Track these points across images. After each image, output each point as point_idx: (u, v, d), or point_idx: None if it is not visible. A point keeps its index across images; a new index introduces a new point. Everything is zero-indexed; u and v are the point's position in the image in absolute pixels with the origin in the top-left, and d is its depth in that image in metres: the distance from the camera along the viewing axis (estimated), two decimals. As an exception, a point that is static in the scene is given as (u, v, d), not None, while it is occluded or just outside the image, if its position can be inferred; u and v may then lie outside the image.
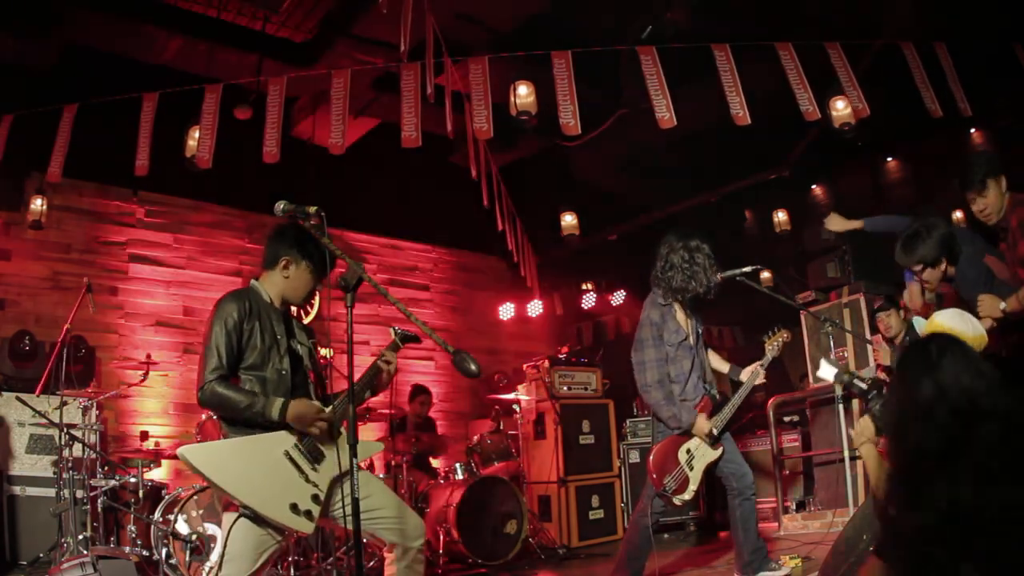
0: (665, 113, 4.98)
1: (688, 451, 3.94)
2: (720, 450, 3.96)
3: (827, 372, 3.20)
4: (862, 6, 6.07)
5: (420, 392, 7.20)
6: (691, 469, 3.94)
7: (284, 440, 2.76)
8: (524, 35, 5.81)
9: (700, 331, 4.16)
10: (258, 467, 2.68)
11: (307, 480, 2.73)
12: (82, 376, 5.70)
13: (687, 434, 3.96)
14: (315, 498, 2.72)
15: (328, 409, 2.86)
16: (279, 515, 2.63)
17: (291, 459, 2.74)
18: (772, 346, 4.24)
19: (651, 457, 3.94)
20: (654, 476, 3.87)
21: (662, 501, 3.91)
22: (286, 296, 2.99)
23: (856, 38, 5.54)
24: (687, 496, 3.92)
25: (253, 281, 3.03)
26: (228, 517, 2.68)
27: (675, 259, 3.99)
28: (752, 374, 4.14)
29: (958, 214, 6.58)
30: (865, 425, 2.73)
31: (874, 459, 2.67)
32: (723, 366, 4.31)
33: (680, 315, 4.07)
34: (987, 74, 5.68)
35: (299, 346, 3.01)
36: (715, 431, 3.93)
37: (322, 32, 6.21)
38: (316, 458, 2.80)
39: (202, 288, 7.32)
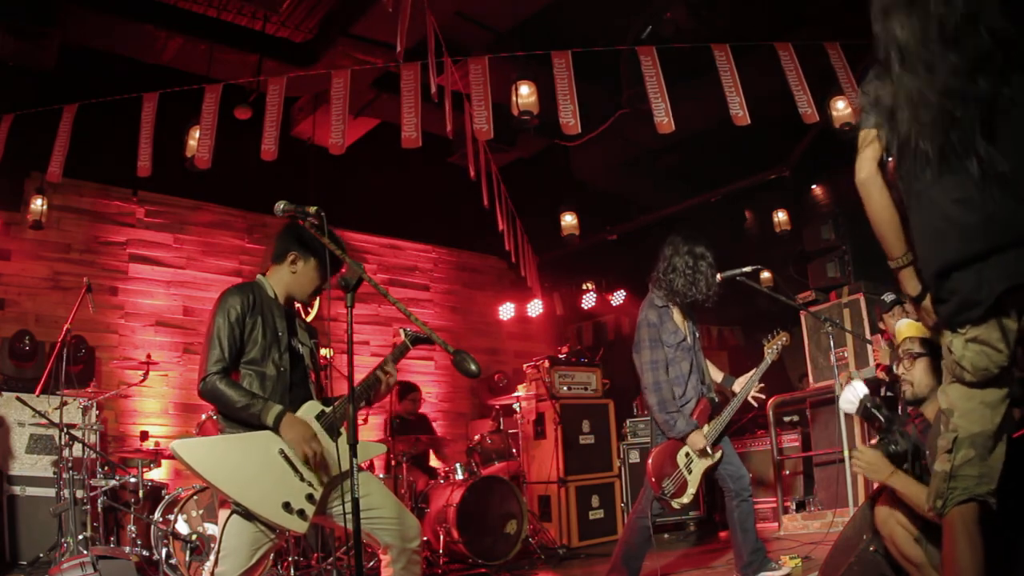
0: (664, 118, 4.98)
1: (687, 455, 3.94)
2: (719, 454, 3.96)
3: (849, 405, 3.12)
4: (862, 6, 6.06)
5: (409, 390, 7.16)
6: (689, 473, 3.93)
7: (280, 438, 2.76)
8: (524, 35, 5.81)
9: (697, 333, 4.16)
10: (251, 464, 2.67)
11: (302, 479, 2.72)
12: (82, 376, 5.70)
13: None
14: (309, 497, 2.71)
15: (326, 411, 2.86)
16: (270, 513, 2.62)
17: (286, 457, 2.72)
18: (771, 349, 4.24)
19: (650, 460, 3.94)
20: (652, 480, 3.87)
21: (660, 504, 3.91)
22: (291, 292, 3.00)
23: (856, 38, 5.54)
24: (685, 500, 3.92)
25: (259, 276, 3.03)
26: (223, 514, 2.68)
27: (678, 262, 4.01)
28: (747, 384, 4.13)
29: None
30: (875, 459, 2.60)
31: (911, 483, 2.50)
32: (717, 375, 4.30)
33: (678, 316, 4.07)
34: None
35: (300, 345, 3.01)
36: (710, 441, 3.92)
37: (322, 32, 6.21)
38: (314, 458, 2.79)
39: (202, 288, 7.32)
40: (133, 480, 4.99)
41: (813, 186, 8.19)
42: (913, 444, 2.60)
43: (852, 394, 3.03)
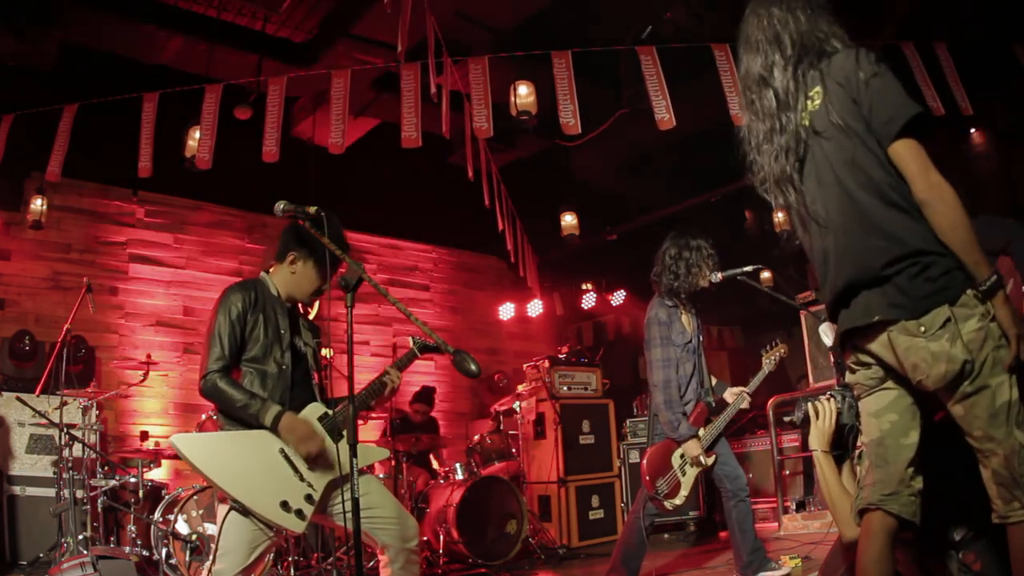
0: (664, 114, 4.98)
1: (682, 456, 3.95)
2: (712, 459, 3.97)
3: (827, 338, 3.12)
4: (862, 6, 6.07)
5: (430, 392, 7.22)
6: (683, 474, 3.94)
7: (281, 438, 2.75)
8: (524, 35, 5.80)
9: (701, 336, 4.16)
10: (250, 461, 2.66)
11: (301, 479, 2.71)
12: (82, 376, 5.70)
13: None
14: (308, 498, 2.70)
15: (330, 413, 2.86)
16: (268, 511, 2.61)
17: (286, 457, 2.72)
18: (769, 360, 4.24)
19: (645, 460, 3.95)
20: (647, 479, 3.88)
21: (653, 505, 3.92)
22: (291, 292, 2.99)
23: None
24: (678, 501, 3.92)
25: (263, 273, 3.02)
26: (221, 510, 2.68)
27: (666, 260, 4.04)
28: (738, 397, 4.14)
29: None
30: (828, 425, 2.39)
31: (841, 495, 2.36)
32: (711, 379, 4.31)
33: (685, 317, 4.08)
34: (987, 74, 5.68)
35: (303, 345, 3.00)
36: (704, 446, 3.93)
37: (322, 32, 6.21)
38: (314, 458, 2.79)
39: (202, 288, 7.32)
40: (133, 480, 4.99)
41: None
42: (852, 425, 2.46)
43: (830, 328, 3.02)
